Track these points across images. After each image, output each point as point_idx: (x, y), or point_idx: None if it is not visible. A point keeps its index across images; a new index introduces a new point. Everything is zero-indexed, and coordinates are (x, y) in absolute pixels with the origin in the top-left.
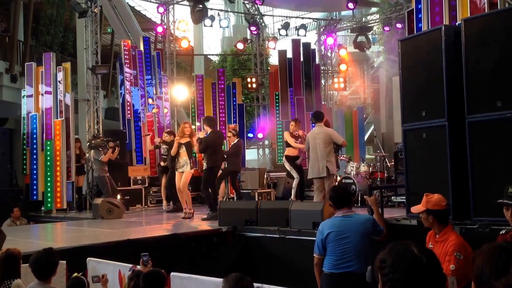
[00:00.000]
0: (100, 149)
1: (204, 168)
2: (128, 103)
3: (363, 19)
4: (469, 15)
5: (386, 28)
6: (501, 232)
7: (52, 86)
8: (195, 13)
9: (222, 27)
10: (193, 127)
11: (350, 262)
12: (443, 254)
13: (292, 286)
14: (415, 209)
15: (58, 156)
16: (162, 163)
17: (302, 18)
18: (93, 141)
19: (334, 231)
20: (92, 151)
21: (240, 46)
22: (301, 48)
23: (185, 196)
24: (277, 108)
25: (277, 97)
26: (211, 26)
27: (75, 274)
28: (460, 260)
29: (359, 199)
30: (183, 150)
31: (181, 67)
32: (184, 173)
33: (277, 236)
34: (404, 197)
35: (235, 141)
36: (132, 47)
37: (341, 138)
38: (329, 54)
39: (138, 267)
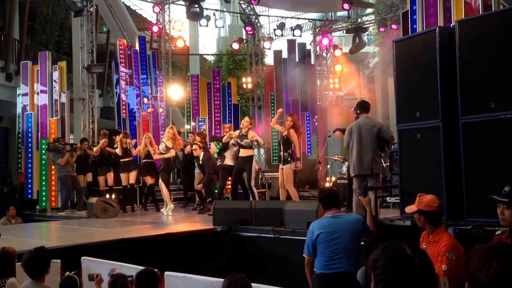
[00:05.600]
0: (59, 153)
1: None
2: (124, 102)
3: (359, 20)
4: (463, 17)
5: (382, 29)
6: (496, 233)
7: (47, 85)
8: (191, 13)
9: (217, 27)
10: (187, 126)
11: (340, 263)
12: (436, 255)
13: (286, 286)
14: (408, 209)
15: None
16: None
17: (298, 18)
18: (51, 144)
19: (324, 232)
20: (51, 153)
21: (235, 46)
22: (297, 49)
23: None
24: (272, 108)
25: (272, 97)
26: (207, 26)
27: (67, 273)
28: (452, 260)
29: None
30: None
31: (177, 66)
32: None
33: (272, 236)
34: (398, 198)
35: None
36: (128, 46)
37: (390, 133)
38: (324, 54)
39: (117, 270)
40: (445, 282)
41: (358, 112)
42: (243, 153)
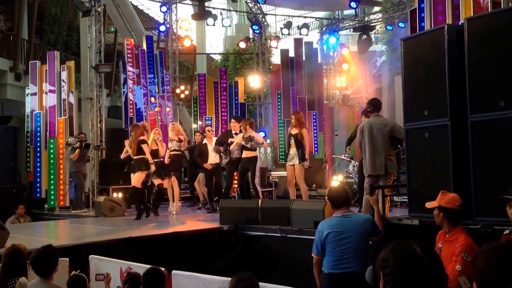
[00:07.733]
0: (73, 148)
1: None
2: (131, 102)
3: (366, 18)
4: (472, 14)
5: (389, 27)
6: (505, 232)
7: (56, 84)
8: (198, 13)
9: (224, 26)
10: (194, 126)
11: (349, 263)
12: (450, 254)
13: (293, 285)
14: (429, 204)
15: (62, 155)
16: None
17: (305, 17)
18: (68, 139)
19: (334, 231)
20: (69, 148)
21: (242, 45)
22: (303, 47)
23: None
24: (279, 107)
25: (279, 96)
26: (214, 25)
27: (73, 272)
28: (467, 261)
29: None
30: (292, 142)
31: (184, 66)
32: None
33: (278, 235)
34: (406, 197)
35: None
36: (135, 46)
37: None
38: (331, 53)
39: (133, 269)
40: (465, 282)
41: (370, 110)
42: (246, 154)
